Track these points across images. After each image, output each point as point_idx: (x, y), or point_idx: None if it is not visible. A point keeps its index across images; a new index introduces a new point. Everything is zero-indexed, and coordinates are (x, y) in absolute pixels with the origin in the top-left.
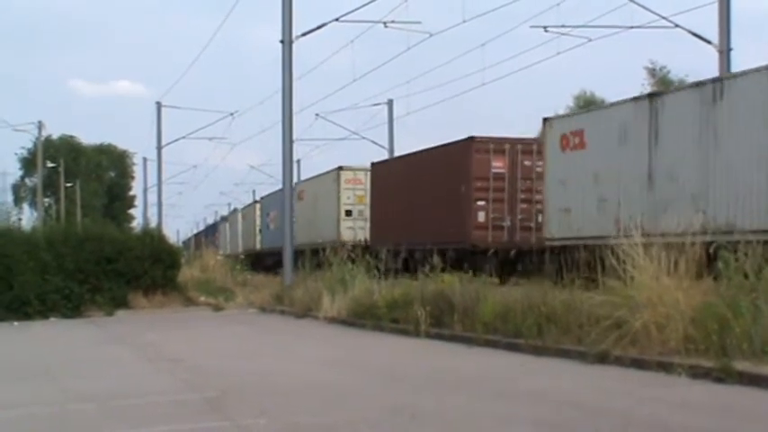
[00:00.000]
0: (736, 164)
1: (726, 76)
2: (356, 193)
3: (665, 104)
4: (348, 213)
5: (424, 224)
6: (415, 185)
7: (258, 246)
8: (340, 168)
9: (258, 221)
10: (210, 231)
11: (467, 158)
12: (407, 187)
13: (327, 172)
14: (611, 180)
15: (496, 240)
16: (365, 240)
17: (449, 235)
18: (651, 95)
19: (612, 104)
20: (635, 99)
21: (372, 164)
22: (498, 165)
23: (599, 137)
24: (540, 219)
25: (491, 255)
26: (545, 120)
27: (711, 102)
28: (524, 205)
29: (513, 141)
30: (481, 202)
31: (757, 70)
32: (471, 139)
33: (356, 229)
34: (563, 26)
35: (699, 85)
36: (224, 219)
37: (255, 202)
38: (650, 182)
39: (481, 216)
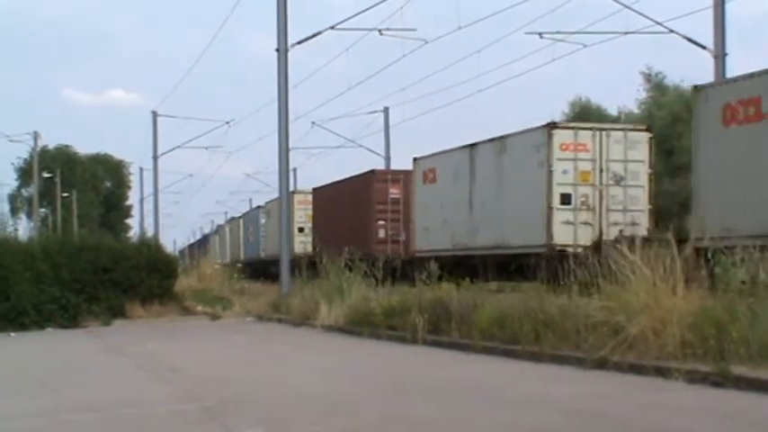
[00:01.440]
0: (516, 195)
1: (507, 135)
2: (306, 213)
3: (478, 152)
4: (300, 230)
5: (345, 239)
6: (338, 208)
7: (242, 256)
8: (293, 192)
9: (242, 234)
10: (203, 243)
11: (370, 187)
12: (334, 209)
13: (270, 201)
14: (450, 207)
15: (395, 252)
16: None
17: (359, 247)
18: (471, 146)
19: (451, 150)
20: (462, 147)
21: (313, 189)
22: (394, 192)
23: (444, 174)
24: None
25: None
26: (414, 159)
27: (500, 152)
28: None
29: (408, 172)
30: (381, 222)
31: (528, 131)
32: (372, 172)
33: (306, 243)
34: (558, 32)
35: (493, 140)
36: (214, 232)
37: (239, 217)
38: (470, 209)
39: (381, 233)
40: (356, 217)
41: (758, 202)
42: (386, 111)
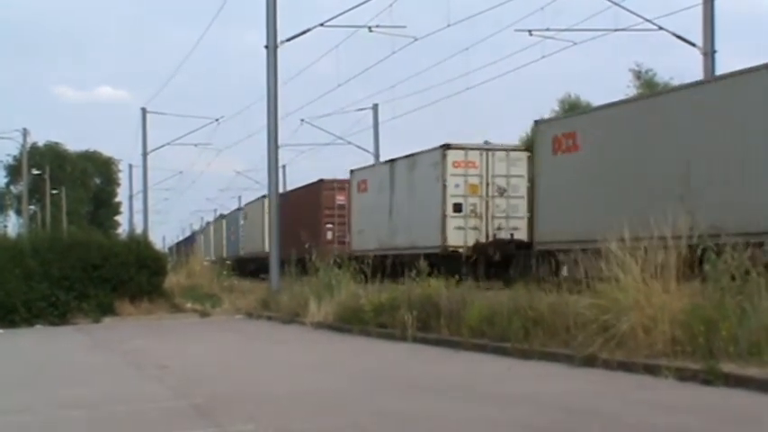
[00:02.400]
0: (421, 204)
1: (416, 153)
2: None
3: (396, 167)
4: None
5: (300, 240)
6: (296, 212)
7: (225, 254)
8: (263, 197)
9: (224, 234)
10: (189, 241)
11: (319, 194)
12: (293, 213)
13: (257, 199)
14: (378, 213)
15: (341, 251)
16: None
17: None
18: (391, 161)
19: (378, 164)
20: (385, 162)
21: (280, 194)
22: (341, 198)
23: (373, 185)
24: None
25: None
26: (351, 171)
27: (411, 168)
28: None
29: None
30: (329, 225)
31: (429, 150)
32: (321, 181)
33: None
34: (548, 29)
35: (407, 157)
36: (200, 231)
37: (222, 217)
38: (390, 216)
39: (329, 234)
40: (309, 221)
41: (577, 212)
42: (375, 108)
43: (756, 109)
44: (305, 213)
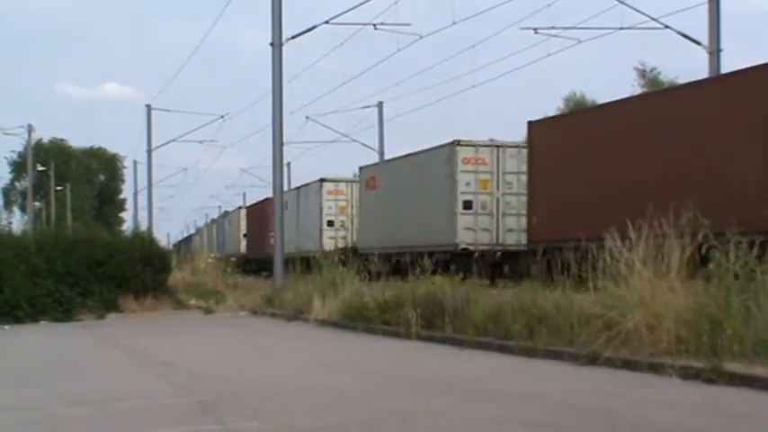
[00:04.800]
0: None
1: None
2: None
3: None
4: (245, 236)
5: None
6: (260, 221)
7: (218, 253)
8: (240, 207)
9: (215, 236)
10: (188, 241)
11: (265, 209)
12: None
13: (235, 209)
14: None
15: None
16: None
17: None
18: (298, 188)
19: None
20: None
21: (266, 198)
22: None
23: (291, 204)
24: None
25: None
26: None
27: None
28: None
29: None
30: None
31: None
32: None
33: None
34: (553, 28)
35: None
36: (196, 233)
37: (213, 221)
38: (298, 228)
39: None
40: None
41: (383, 230)
42: (380, 105)
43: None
44: (260, 223)
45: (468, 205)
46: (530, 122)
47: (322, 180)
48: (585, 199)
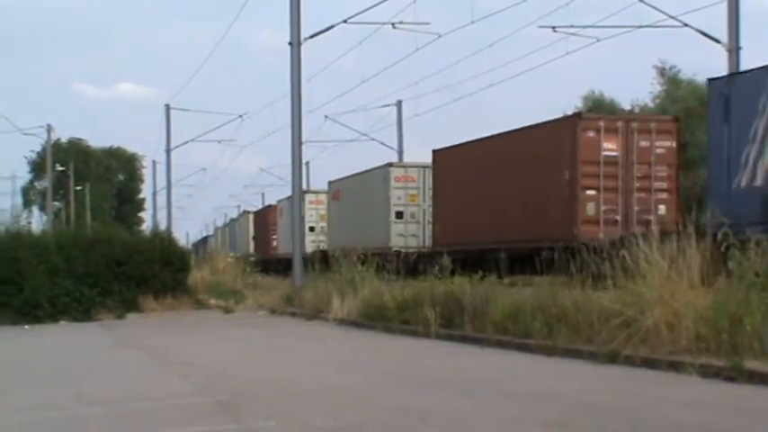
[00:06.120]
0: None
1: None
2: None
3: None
4: (253, 238)
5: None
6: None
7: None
8: (246, 212)
9: (227, 237)
10: (204, 242)
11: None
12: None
13: (244, 214)
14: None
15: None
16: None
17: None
18: (289, 198)
19: (285, 198)
20: (287, 197)
21: (269, 205)
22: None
23: (285, 212)
24: None
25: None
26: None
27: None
28: None
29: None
30: (274, 236)
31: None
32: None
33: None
34: (571, 26)
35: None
36: (212, 234)
37: (226, 225)
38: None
39: (274, 243)
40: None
41: (343, 235)
42: (399, 104)
43: None
44: (264, 227)
45: (399, 215)
46: (434, 151)
47: (304, 192)
48: (465, 212)
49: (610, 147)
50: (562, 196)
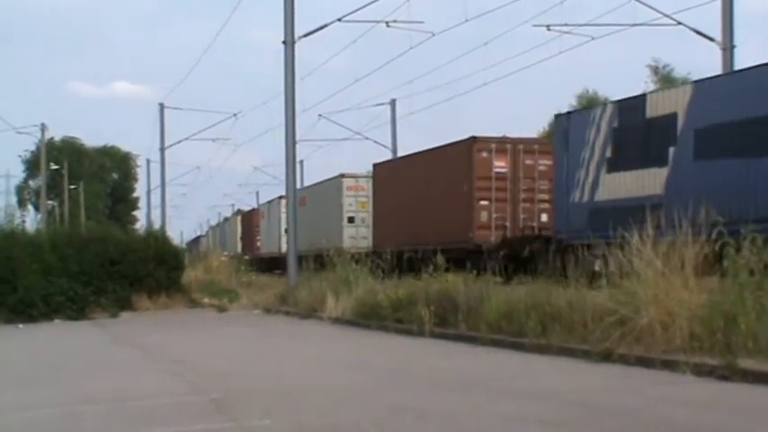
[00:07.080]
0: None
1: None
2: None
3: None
4: (241, 238)
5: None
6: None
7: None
8: (239, 211)
9: (218, 238)
10: (196, 242)
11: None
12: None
13: (233, 216)
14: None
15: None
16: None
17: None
18: (269, 202)
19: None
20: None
21: (253, 208)
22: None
23: (266, 214)
24: None
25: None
26: (264, 203)
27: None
28: None
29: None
30: (258, 237)
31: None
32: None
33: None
34: (565, 25)
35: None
36: (204, 234)
37: (217, 225)
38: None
39: (258, 243)
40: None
41: (308, 237)
42: (392, 103)
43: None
44: (250, 229)
45: (351, 220)
46: (374, 164)
47: (280, 197)
48: (397, 218)
49: (500, 164)
50: (462, 205)
